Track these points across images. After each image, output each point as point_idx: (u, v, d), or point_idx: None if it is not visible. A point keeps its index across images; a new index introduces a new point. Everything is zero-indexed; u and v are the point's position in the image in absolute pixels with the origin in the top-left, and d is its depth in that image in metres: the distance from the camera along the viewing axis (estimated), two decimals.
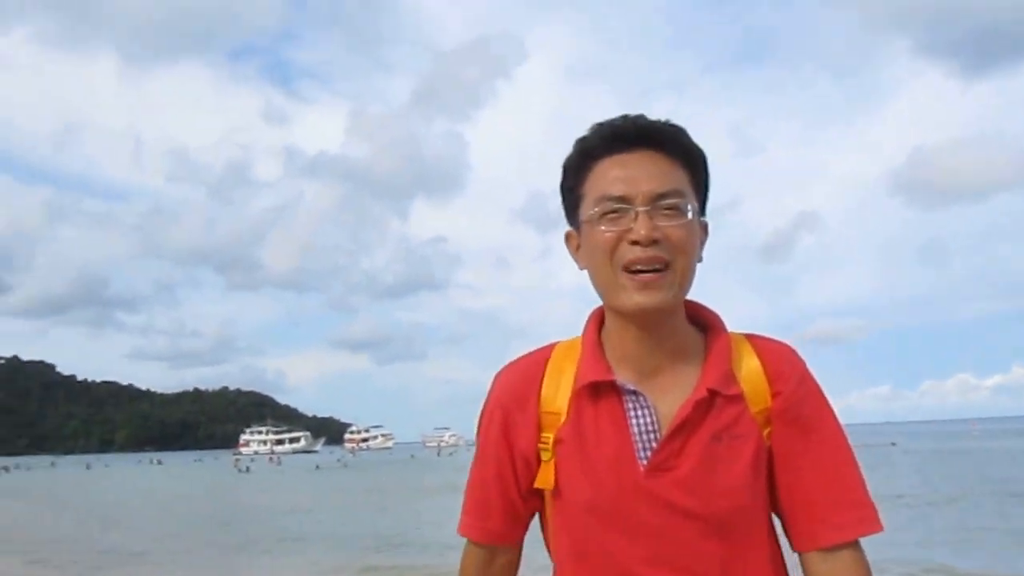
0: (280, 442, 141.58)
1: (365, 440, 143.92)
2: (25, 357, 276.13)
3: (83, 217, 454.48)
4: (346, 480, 41.20)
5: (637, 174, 1.13)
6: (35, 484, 50.33)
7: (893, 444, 62.93)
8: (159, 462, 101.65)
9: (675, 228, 1.13)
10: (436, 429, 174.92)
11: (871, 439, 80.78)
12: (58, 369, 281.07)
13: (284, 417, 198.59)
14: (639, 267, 1.12)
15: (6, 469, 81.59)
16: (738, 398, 1.16)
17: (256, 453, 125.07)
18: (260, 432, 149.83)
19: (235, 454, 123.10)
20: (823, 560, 1.14)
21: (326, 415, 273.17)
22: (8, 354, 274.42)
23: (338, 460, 76.80)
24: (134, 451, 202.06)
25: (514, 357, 1.29)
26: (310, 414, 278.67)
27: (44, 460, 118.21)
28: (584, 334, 1.25)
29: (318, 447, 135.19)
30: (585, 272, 1.22)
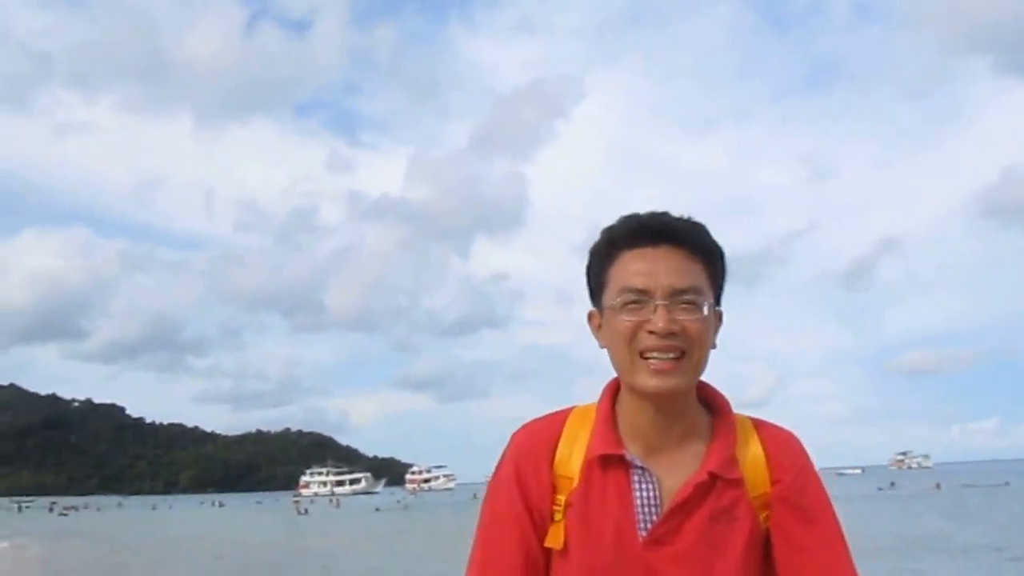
0: (340, 483, 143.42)
1: (427, 480, 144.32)
2: (98, 400, 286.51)
3: (156, 265, 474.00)
4: (406, 522, 41.64)
5: (658, 269, 1.24)
6: (103, 524, 52.65)
7: (1007, 484, 60.35)
8: (220, 504, 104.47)
9: (692, 322, 1.23)
10: None
11: (980, 478, 76.48)
12: (128, 411, 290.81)
13: (345, 458, 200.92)
14: (656, 355, 1.22)
15: (76, 509, 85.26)
16: (738, 482, 1.24)
17: (316, 494, 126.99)
18: (320, 473, 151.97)
19: (295, 496, 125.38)
20: None
21: (387, 455, 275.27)
22: (83, 397, 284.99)
23: (398, 501, 77.63)
24: (197, 492, 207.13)
25: (540, 414, 1.39)
26: (371, 454, 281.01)
27: (113, 500, 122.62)
28: (599, 404, 1.34)
29: (379, 488, 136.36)
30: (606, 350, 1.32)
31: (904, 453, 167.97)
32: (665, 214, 1.29)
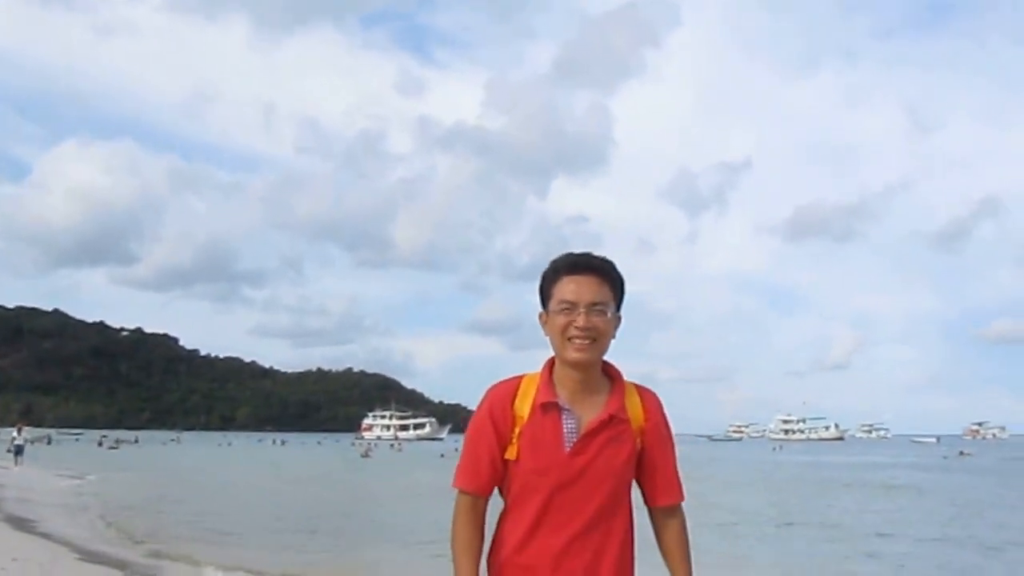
0: (404, 427, 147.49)
1: None
2: (148, 329, 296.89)
3: (210, 187, 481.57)
4: None
5: (582, 289, 2.30)
6: (173, 459, 55.32)
7: None
8: (283, 442, 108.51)
9: (600, 322, 2.30)
10: None
11: None
12: (181, 343, 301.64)
13: (409, 402, 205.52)
14: (577, 340, 2.29)
15: (130, 442, 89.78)
16: (626, 420, 2.35)
17: (379, 438, 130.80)
18: (384, 416, 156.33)
19: (357, 438, 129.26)
20: (659, 512, 2.44)
21: (453, 401, 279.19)
22: (132, 326, 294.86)
23: (456, 450, 79.35)
24: (254, 430, 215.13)
25: (510, 376, 2.46)
26: (436, 400, 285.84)
27: (166, 435, 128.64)
28: (542, 372, 2.39)
29: (443, 434, 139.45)
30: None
31: (980, 423, 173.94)
32: (588, 254, 2.37)
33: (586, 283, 2.31)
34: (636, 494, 2.41)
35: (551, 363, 2.39)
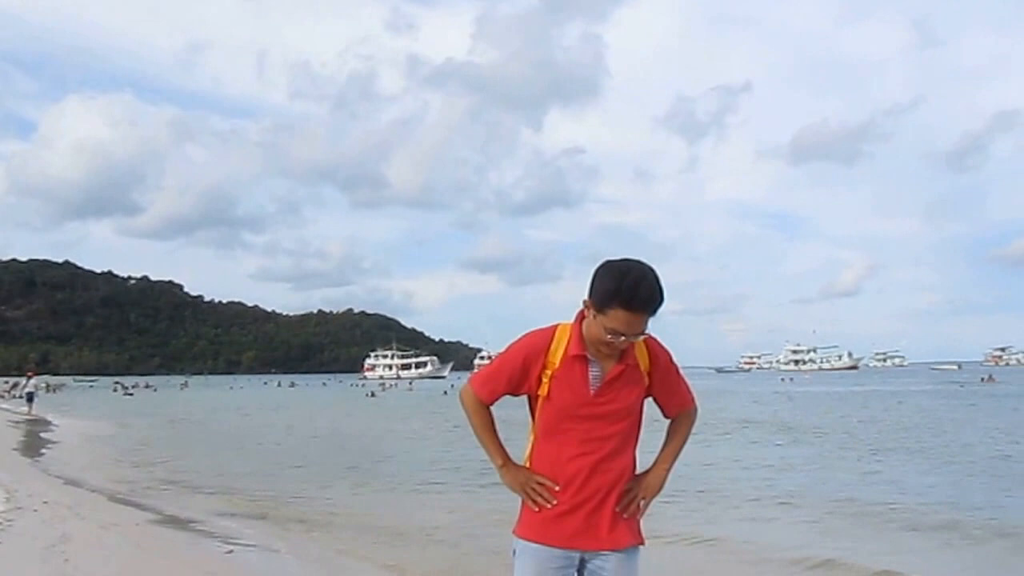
0: (406, 366, 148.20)
1: None
2: (154, 277, 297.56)
3: (208, 135, 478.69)
4: None
5: (634, 324, 2.61)
6: (189, 402, 55.49)
7: None
8: (292, 384, 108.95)
9: (634, 341, 2.72)
10: None
11: None
12: (186, 289, 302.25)
13: (410, 341, 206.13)
14: (611, 349, 2.72)
15: (146, 387, 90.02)
16: (636, 366, 2.79)
17: (382, 377, 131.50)
18: (385, 356, 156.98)
19: (361, 378, 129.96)
20: (674, 418, 3.03)
21: (453, 339, 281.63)
22: (139, 274, 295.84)
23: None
24: (260, 372, 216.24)
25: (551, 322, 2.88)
26: (437, 338, 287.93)
27: (176, 380, 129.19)
28: (574, 325, 2.77)
29: (446, 372, 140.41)
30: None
31: (1003, 349, 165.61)
32: (652, 292, 2.60)
33: (639, 320, 2.62)
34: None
35: (581, 318, 2.75)
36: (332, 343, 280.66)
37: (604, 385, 2.74)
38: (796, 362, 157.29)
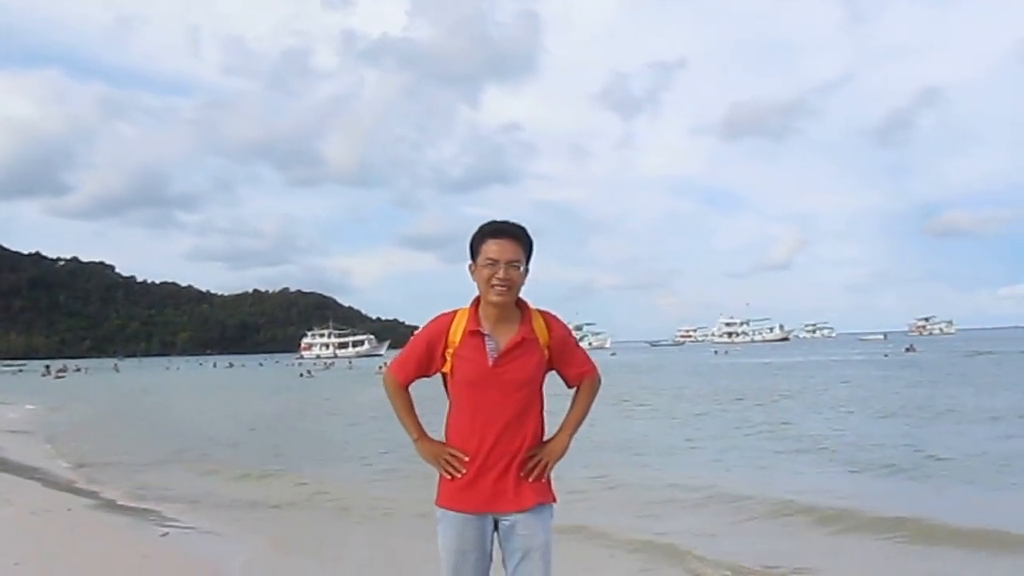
0: (343, 345, 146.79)
1: None
2: (84, 258, 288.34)
3: (139, 113, 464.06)
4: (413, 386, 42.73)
5: (503, 249, 2.96)
6: (125, 384, 54.08)
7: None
8: (230, 365, 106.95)
9: (515, 275, 2.97)
10: None
11: (1020, 345, 75.53)
12: (117, 270, 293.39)
13: (347, 319, 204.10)
14: (497, 286, 2.95)
15: (78, 370, 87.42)
16: (534, 339, 3.02)
17: (319, 357, 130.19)
18: (322, 335, 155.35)
19: (297, 358, 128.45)
20: (577, 387, 3.21)
21: (391, 317, 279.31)
22: (68, 255, 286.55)
23: None
24: (195, 353, 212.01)
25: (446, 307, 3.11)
26: (373, 316, 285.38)
27: (108, 363, 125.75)
28: (471, 307, 3.04)
29: (383, 351, 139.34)
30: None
31: (926, 318, 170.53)
32: (508, 221, 3.03)
33: (506, 245, 2.97)
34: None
35: (478, 300, 3.05)
36: (268, 323, 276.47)
37: (501, 356, 2.96)
38: (729, 334, 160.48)
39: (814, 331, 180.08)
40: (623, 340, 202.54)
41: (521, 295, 3.04)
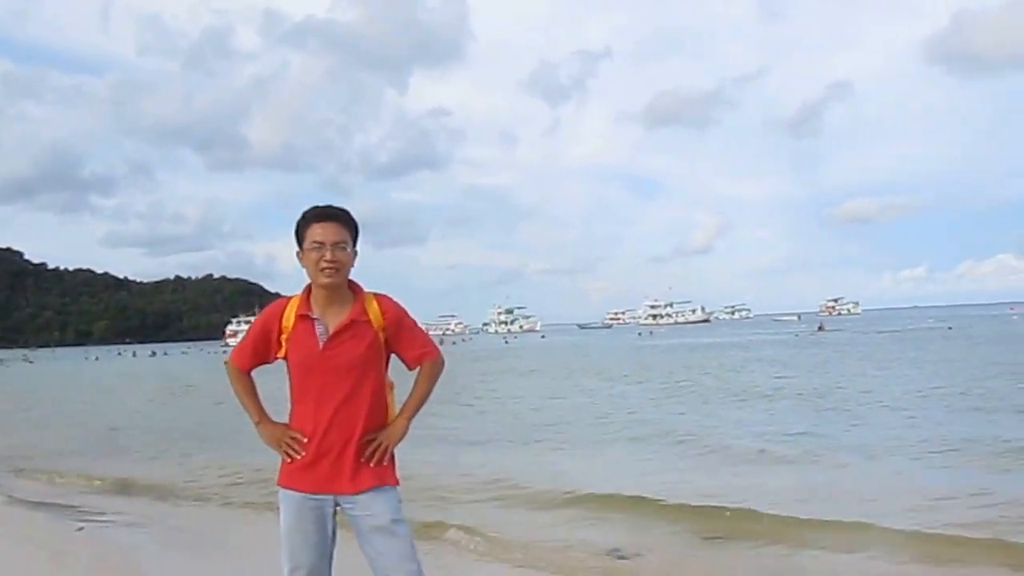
0: None
1: None
2: None
3: (48, 91, 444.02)
4: None
5: (328, 231, 3.04)
6: (42, 377, 52.14)
7: (950, 328, 64.83)
8: (152, 354, 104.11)
9: (343, 256, 3.05)
10: (440, 317, 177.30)
11: (919, 323, 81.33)
12: (26, 257, 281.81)
13: None
14: (326, 268, 3.02)
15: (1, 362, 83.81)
16: (367, 322, 3.08)
17: None
18: (248, 322, 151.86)
19: (223, 346, 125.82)
20: (421, 368, 3.24)
21: None
22: None
23: None
24: (113, 343, 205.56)
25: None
26: None
27: (17, 354, 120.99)
28: (302, 293, 3.12)
29: None
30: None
31: (835, 300, 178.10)
32: (330, 205, 3.11)
33: (330, 227, 3.04)
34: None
35: (309, 287, 3.11)
36: (191, 310, 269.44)
37: (331, 339, 3.03)
38: (654, 317, 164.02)
39: (733, 313, 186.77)
40: (554, 323, 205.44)
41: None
